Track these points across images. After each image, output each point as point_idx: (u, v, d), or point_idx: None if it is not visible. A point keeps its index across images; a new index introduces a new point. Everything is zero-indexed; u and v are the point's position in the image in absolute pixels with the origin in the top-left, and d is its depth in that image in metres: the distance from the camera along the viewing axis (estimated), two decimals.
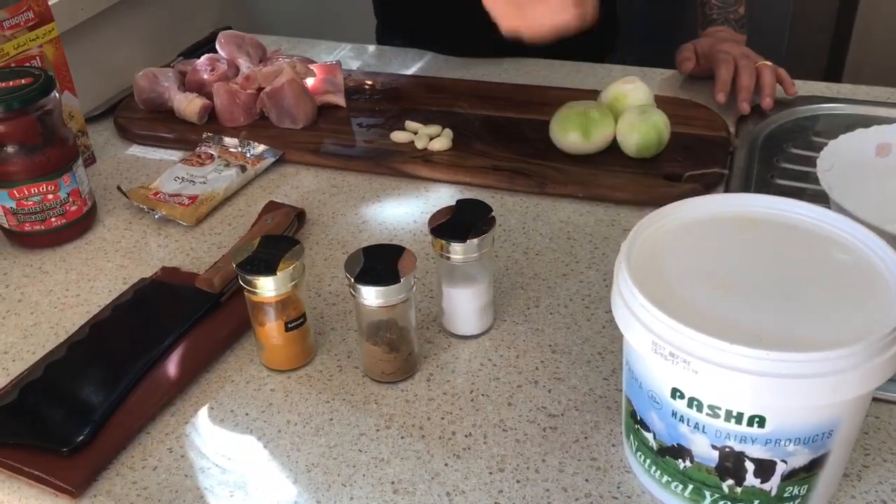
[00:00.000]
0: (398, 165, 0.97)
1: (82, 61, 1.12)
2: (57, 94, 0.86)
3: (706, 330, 0.49)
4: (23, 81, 0.83)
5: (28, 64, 0.92)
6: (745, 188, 0.90)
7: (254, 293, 0.68)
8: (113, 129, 1.11)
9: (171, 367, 0.71)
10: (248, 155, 1.00)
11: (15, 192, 0.85)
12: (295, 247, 0.69)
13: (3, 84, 0.83)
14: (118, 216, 0.94)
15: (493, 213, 0.71)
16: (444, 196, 0.93)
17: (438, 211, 0.72)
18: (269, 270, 0.66)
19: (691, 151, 0.94)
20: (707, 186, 0.90)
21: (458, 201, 0.72)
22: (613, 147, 0.94)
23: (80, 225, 0.90)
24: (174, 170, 0.98)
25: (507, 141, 0.99)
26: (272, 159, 1.00)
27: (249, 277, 0.67)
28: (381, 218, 0.91)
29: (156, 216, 0.91)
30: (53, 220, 0.87)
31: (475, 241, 0.68)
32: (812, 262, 0.56)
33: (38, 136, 0.84)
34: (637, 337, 0.52)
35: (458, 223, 0.70)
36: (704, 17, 1.15)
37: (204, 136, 1.03)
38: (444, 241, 0.69)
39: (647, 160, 0.93)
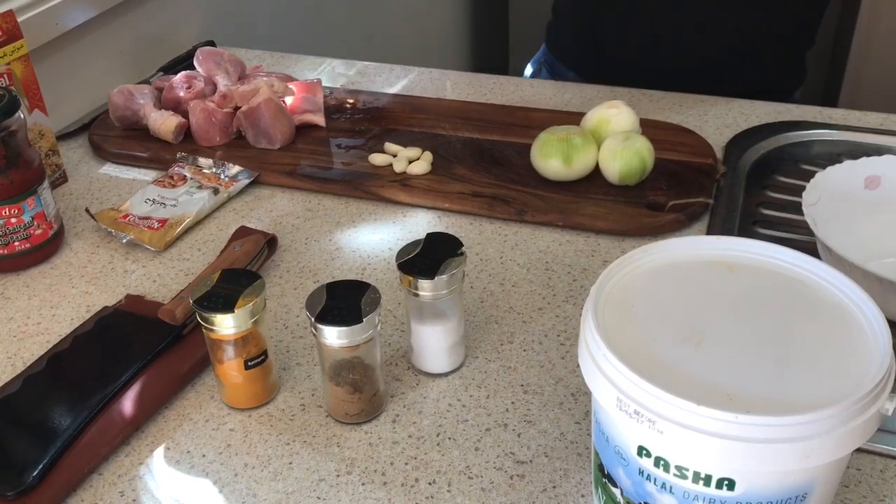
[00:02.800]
0: (376, 189, 0.94)
1: (58, 76, 1.10)
2: (22, 115, 0.84)
3: (673, 388, 0.46)
4: None
5: None
6: (731, 219, 0.87)
7: (212, 330, 0.65)
8: (87, 146, 1.08)
9: (128, 403, 0.68)
10: (222, 176, 0.97)
11: None
12: (256, 282, 0.66)
13: None
14: (86, 239, 0.91)
15: (463, 249, 0.68)
16: (421, 222, 0.91)
17: (407, 245, 0.69)
18: (228, 307, 0.64)
19: (676, 179, 0.91)
20: (691, 217, 0.87)
21: (428, 235, 0.70)
22: (596, 174, 0.92)
23: (45, 249, 0.87)
24: (146, 191, 0.95)
25: (488, 165, 0.97)
26: (246, 181, 0.97)
27: (207, 314, 0.64)
28: (356, 245, 0.88)
29: (123, 240, 0.89)
30: (17, 244, 0.85)
31: (444, 277, 0.66)
32: (790, 313, 0.53)
33: (0, 159, 0.81)
34: (602, 392, 0.49)
35: (427, 258, 0.67)
36: None
37: (178, 155, 1.01)
38: (411, 278, 0.66)
39: (631, 188, 0.90)
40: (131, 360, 0.72)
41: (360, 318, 0.62)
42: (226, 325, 0.64)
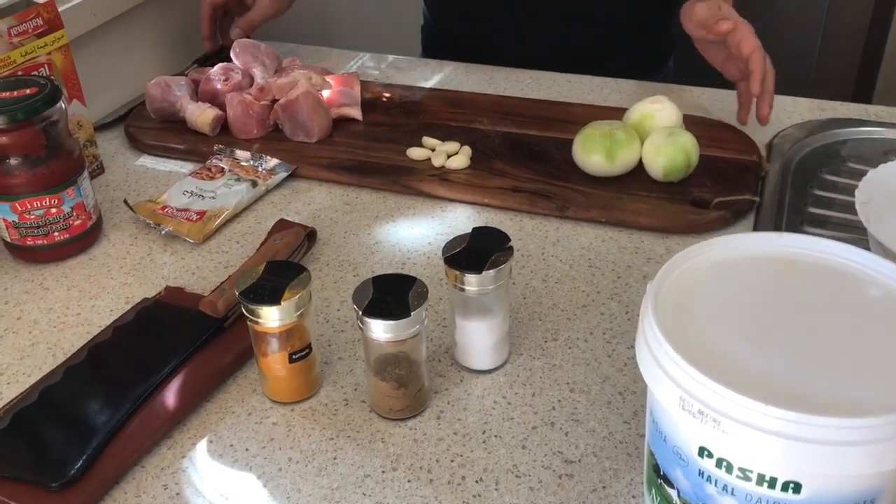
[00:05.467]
0: (414, 183, 0.93)
1: (94, 67, 1.10)
2: (63, 105, 0.83)
3: (739, 387, 0.44)
4: (28, 91, 0.81)
5: (35, 72, 0.90)
6: (777, 217, 0.86)
7: (257, 323, 0.64)
8: (124, 138, 1.08)
9: (170, 396, 0.68)
10: (259, 169, 0.97)
11: (17, 205, 0.82)
12: (301, 274, 0.66)
13: (8, 94, 0.81)
14: (124, 230, 0.91)
15: (510, 243, 0.67)
16: (460, 217, 0.90)
17: (454, 238, 0.68)
18: (274, 299, 0.63)
19: (721, 176, 0.90)
20: (736, 214, 0.85)
21: (475, 229, 0.69)
22: (639, 170, 0.90)
23: (84, 240, 0.87)
24: (183, 183, 0.95)
25: (528, 160, 0.95)
26: (284, 174, 0.97)
27: (252, 307, 0.63)
28: (395, 239, 0.87)
29: (162, 232, 0.88)
30: (56, 234, 0.85)
31: (491, 272, 0.65)
32: (856, 312, 0.51)
33: (42, 149, 0.81)
34: (663, 391, 0.48)
35: (474, 252, 0.66)
36: None
37: (215, 148, 1.00)
38: (458, 272, 0.65)
39: (674, 185, 0.89)
40: (173, 352, 0.71)
41: (408, 312, 0.61)
42: (271, 317, 0.64)
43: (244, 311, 0.65)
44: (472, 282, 0.65)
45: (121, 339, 0.74)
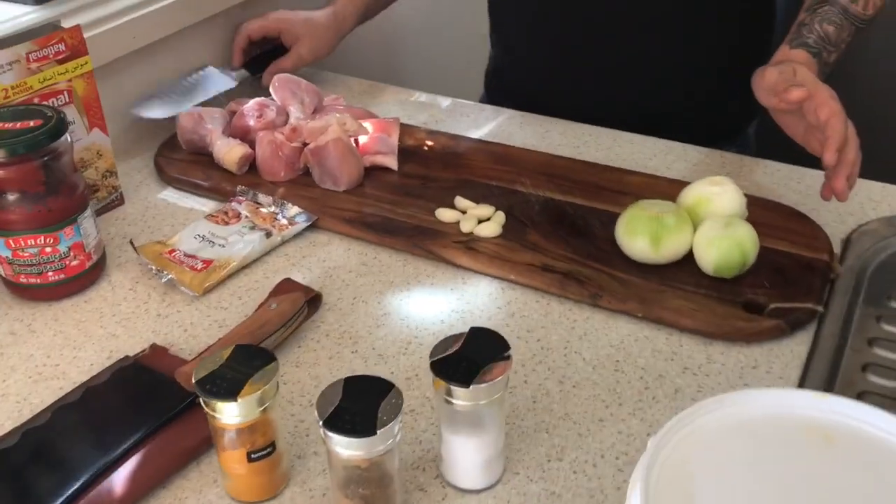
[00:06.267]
0: (437, 249, 0.85)
1: (137, 89, 1.06)
2: (69, 139, 0.79)
3: None
4: (31, 123, 0.76)
5: (53, 99, 0.86)
6: (843, 332, 0.74)
7: (213, 417, 0.57)
8: (153, 167, 1.04)
9: (121, 480, 0.62)
10: (279, 217, 0.90)
11: (11, 241, 0.78)
12: (268, 365, 0.58)
13: (11, 125, 0.76)
14: (127, 272, 0.86)
15: (509, 352, 0.58)
16: (481, 293, 0.81)
17: (446, 339, 0.60)
18: (230, 394, 0.56)
19: (782, 276, 0.78)
20: (793, 324, 0.74)
21: (472, 330, 0.60)
22: (688, 260, 0.80)
23: (80, 281, 0.82)
24: (197, 226, 0.89)
25: (566, 234, 0.86)
26: (304, 225, 0.90)
27: (208, 399, 0.56)
28: (406, 312, 0.79)
29: (163, 279, 0.83)
30: (50, 274, 0.80)
31: (483, 386, 0.56)
32: None
33: (39, 185, 0.77)
34: None
35: (466, 359, 0.58)
36: (796, 34, 0.91)
37: (238, 189, 0.95)
38: (444, 382, 0.56)
39: (726, 282, 0.78)
40: (136, 426, 0.65)
41: (374, 430, 0.53)
42: (228, 413, 0.57)
43: (201, 401, 0.58)
44: (460, 395, 0.57)
45: (88, 404, 0.69)
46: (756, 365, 0.72)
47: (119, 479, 0.62)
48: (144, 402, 0.68)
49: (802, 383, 0.70)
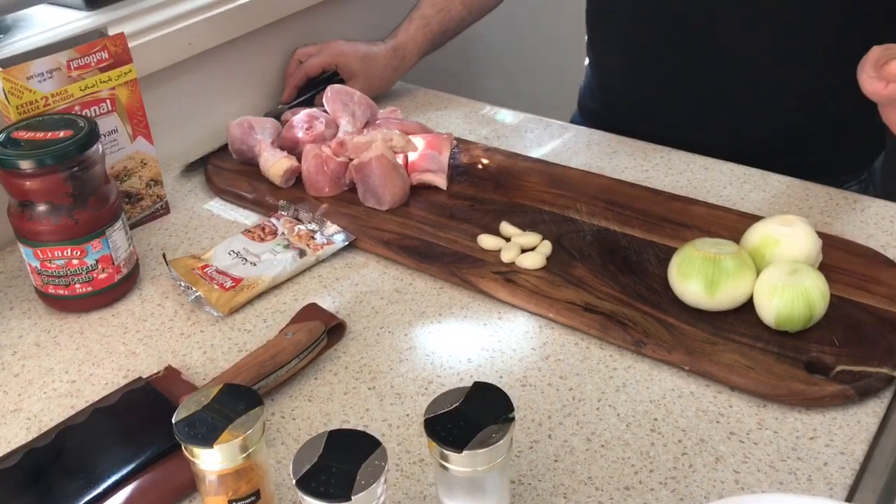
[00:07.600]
0: (474, 279, 0.79)
1: (192, 98, 1.04)
2: (100, 149, 0.77)
3: None
4: (61, 134, 0.75)
5: (93, 108, 0.84)
6: None
7: (192, 462, 0.54)
8: (203, 177, 1.02)
9: None
10: (317, 236, 0.87)
11: (39, 252, 0.77)
12: (253, 409, 0.54)
13: (42, 135, 0.75)
14: (159, 286, 0.84)
15: (513, 413, 0.52)
16: (517, 330, 0.75)
17: (446, 393, 0.54)
18: (207, 440, 0.52)
19: (855, 333, 0.69)
20: (863, 392, 0.65)
21: (475, 385, 0.54)
22: (747, 308, 0.72)
23: (109, 294, 0.81)
24: (233, 241, 0.87)
25: (616, 269, 0.79)
26: (341, 245, 0.86)
27: (185, 443, 0.53)
28: (432, 347, 0.74)
29: (190, 297, 0.80)
30: (78, 286, 0.79)
31: (481, 451, 0.50)
32: None
33: (66, 197, 0.75)
34: None
35: (464, 418, 0.52)
36: None
37: (280, 203, 0.92)
38: (436, 445, 0.51)
39: (789, 336, 0.69)
40: (136, 454, 0.63)
41: (349, 495, 0.48)
42: (207, 459, 0.53)
43: (181, 444, 0.54)
44: (454, 460, 0.51)
45: (94, 427, 0.67)
46: (814, 436, 0.63)
47: None
48: (147, 430, 0.66)
49: (867, 461, 0.61)
